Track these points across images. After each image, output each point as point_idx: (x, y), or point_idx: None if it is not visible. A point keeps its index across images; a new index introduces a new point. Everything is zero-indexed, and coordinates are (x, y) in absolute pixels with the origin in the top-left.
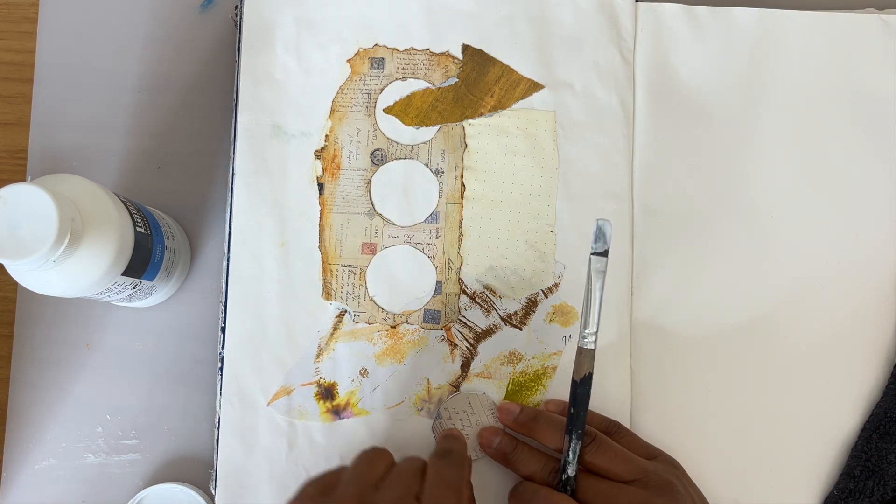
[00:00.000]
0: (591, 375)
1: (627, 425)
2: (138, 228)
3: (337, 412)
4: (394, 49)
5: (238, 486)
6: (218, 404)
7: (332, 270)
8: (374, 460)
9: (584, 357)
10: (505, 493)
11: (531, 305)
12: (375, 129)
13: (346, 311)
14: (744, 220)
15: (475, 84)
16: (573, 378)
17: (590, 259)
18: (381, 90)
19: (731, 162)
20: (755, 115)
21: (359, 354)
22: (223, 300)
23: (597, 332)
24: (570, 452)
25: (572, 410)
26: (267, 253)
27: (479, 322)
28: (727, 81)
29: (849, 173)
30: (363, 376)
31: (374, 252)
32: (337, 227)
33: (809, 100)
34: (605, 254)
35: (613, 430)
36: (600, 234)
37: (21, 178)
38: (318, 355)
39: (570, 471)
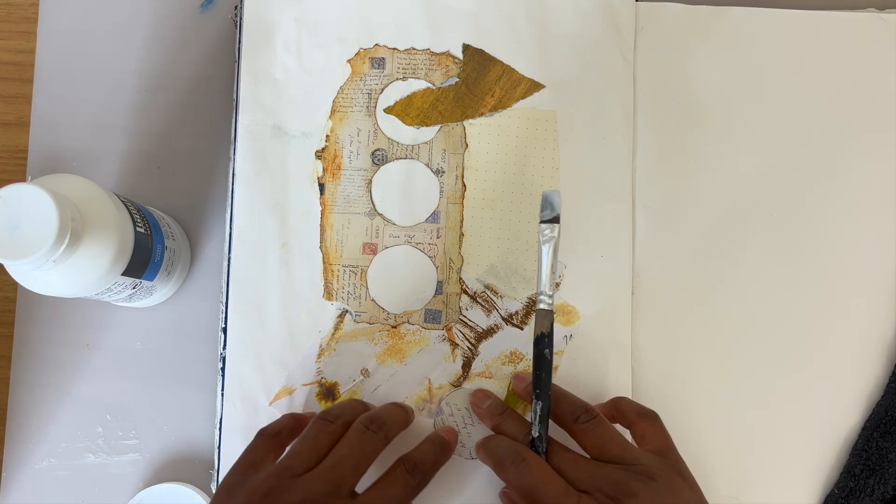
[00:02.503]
0: (544, 336)
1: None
2: (138, 228)
3: None
4: (394, 49)
5: None
6: (219, 404)
7: (333, 271)
8: (316, 440)
9: (539, 317)
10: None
11: (532, 305)
12: (376, 129)
13: (347, 311)
14: (743, 220)
15: (476, 84)
16: (533, 337)
17: (539, 227)
18: (382, 90)
19: (731, 161)
20: (755, 115)
21: (360, 354)
22: (224, 301)
23: (552, 294)
24: (532, 413)
25: (534, 371)
26: (268, 253)
27: (480, 322)
28: (727, 81)
29: (849, 173)
30: (364, 376)
31: (374, 252)
32: (338, 228)
33: (809, 99)
34: (554, 220)
35: (646, 418)
36: (546, 203)
37: (21, 178)
38: (319, 355)
39: (534, 431)
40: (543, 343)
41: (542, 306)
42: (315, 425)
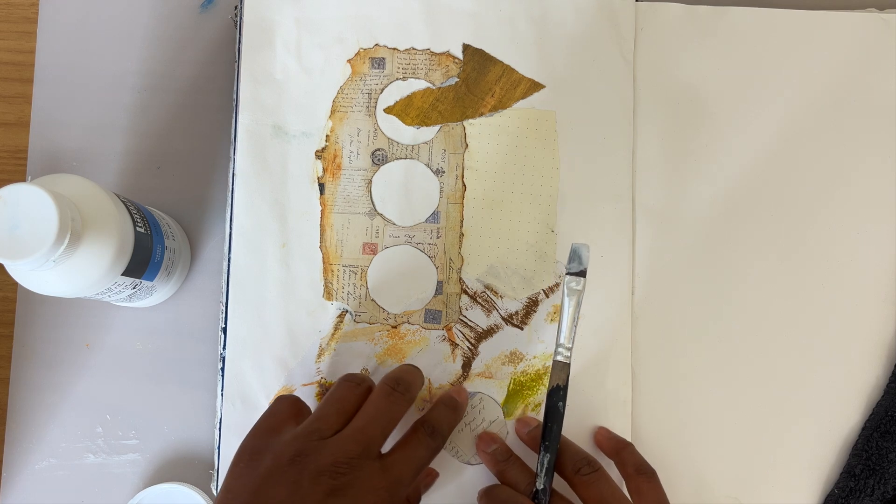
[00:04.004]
0: (559, 388)
1: (628, 423)
2: (138, 228)
3: None
4: (394, 49)
5: None
6: (219, 405)
7: (333, 270)
8: (342, 401)
9: (555, 369)
10: None
11: (532, 305)
12: (376, 129)
13: (347, 311)
14: (744, 220)
15: (476, 84)
16: (547, 389)
17: (564, 278)
18: (382, 90)
19: (730, 162)
20: (755, 115)
21: (360, 354)
22: (224, 301)
23: (571, 347)
24: (539, 465)
25: (544, 422)
26: (268, 253)
27: (480, 322)
28: (727, 81)
29: (849, 172)
30: None
31: (374, 252)
32: (338, 228)
33: (809, 99)
34: (581, 273)
35: (644, 474)
36: (575, 256)
37: (21, 178)
38: (319, 355)
39: (539, 484)
40: (558, 395)
41: (559, 358)
42: (341, 386)
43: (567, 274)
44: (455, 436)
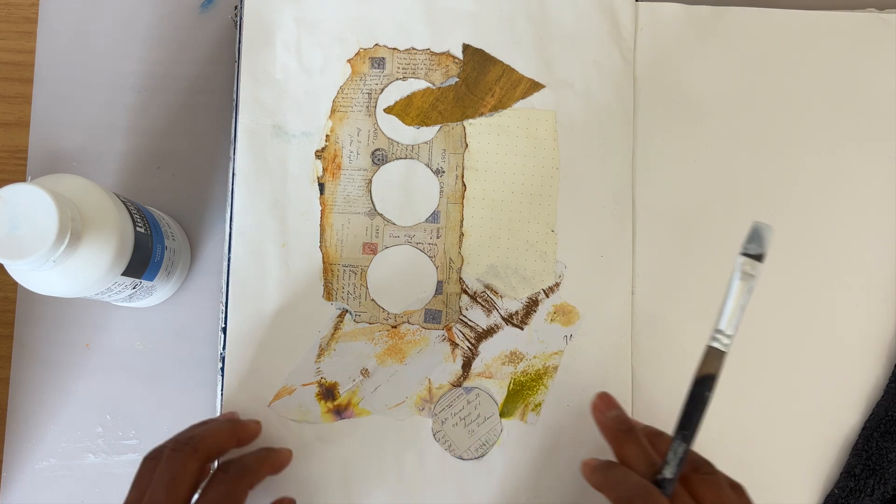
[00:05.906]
0: (708, 377)
1: None
2: (138, 228)
3: (338, 412)
4: (394, 49)
5: None
6: (219, 404)
7: (332, 270)
8: (139, 482)
9: (707, 356)
10: None
11: (532, 305)
12: (376, 129)
13: (347, 311)
14: (743, 220)
15: (476, 84)
16: (695, 376)
17: (738, 258)
18: (382, 90)
19: (730, 161)
20: (755, 115)
21: (360, 354)
22: (224, 300)
23: (732, 335)
24: (672, 453)
25: (685, 410)
26: (268, 253)
27: (480, 322)
28: (727, 81)
29: (849, 172)
30: (364, 376)
31: (374, 252)
32: (338, 227)
33: (809, 99)
34: (757, 258)
35: (736, 489)
36: (755, 236)
37: (21, 178)
38: (319, 355)
39: (668, 472)
40: (706, 385)
41: (715, 345)
42: (139, 466)
43: (743, 255)
44: (449, 430)
